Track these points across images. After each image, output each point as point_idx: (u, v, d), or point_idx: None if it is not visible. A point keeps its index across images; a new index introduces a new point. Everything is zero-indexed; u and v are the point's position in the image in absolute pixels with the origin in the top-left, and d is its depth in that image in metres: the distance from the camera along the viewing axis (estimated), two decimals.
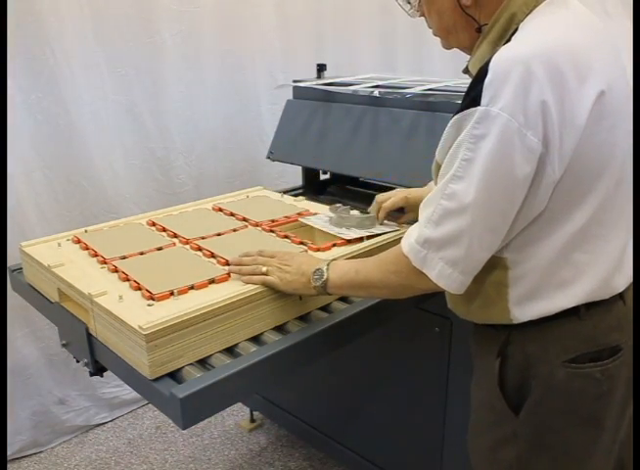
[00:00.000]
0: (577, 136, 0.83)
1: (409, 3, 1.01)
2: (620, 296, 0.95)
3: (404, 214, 1.40)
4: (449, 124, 0.87)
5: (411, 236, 0.91)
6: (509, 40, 0.87)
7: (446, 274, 0.88)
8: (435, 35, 1.03)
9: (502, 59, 0.81)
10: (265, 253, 1.14)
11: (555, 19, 0.88)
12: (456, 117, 0.85)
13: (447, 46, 1.03)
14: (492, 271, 0.92)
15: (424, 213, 0.90)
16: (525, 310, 0.92)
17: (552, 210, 0.87)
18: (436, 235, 0.87)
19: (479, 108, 0.81)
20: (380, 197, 1.39)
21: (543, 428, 0.94)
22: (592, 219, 0.89)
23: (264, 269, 1.08)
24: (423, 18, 1.04)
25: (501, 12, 0.89)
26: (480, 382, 1.02)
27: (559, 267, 0.90)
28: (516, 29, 0.88)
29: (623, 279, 0.96)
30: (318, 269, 1.04)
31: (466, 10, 0.92)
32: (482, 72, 0.82)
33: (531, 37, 0.85)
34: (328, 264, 1.04)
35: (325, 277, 1.03)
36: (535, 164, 0.81)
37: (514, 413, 0.94)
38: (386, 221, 1.41)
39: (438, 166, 0.91)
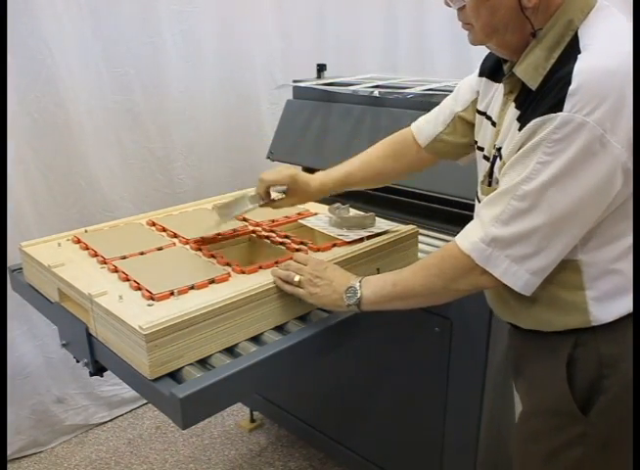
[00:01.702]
0: None
1: None
2: None
3: (282, 198, 1.28)
4: (525, 128, 0.85)
5: (472, 235, 0.91)
6: (569, 46, 0.86)
7: (512, 271, 0.88)
8: (468, 29, 0.96)
9: (590, 70, 0.81)
10: (298, 257, 1.14)
11: (617, 25, 0.89)
12: (533, 121, 0.84)
13: (478, 43, 0.97)
14: (564, 275, 0.92)
15: (489, 213, 0.90)
16: (607, 310, 0.93)
17: (630, 207, 0.88)
18: (505, 234, 0.87)
19: (561, 114, 0.80)
20: (265, 174, 1.26)
21: (618, 424, 0.95)
22: None
23: (297, 279, 1.08)
24: (452, 9, 0.96)
25: (558, 17, 0.88)
26: (539, 388, 1.01)
27: (633, 264, 0.91)
28: (575, 36, 0.87)
29: None
30: (351, 287, 1.03)
31: (525, 11, 0.88)
32: (563, 81, 0.81)
33: (610, 48, 0.85)
34: (360, 281, 1.03)
35: (359, 295, 1.02)
36: (619, 169, 0.83)
37: (583, 414, 0.95)
38: (386, 221, 1.41)
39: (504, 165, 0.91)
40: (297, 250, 1.26)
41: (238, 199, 1.29)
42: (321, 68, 2.11)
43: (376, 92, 1.77)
